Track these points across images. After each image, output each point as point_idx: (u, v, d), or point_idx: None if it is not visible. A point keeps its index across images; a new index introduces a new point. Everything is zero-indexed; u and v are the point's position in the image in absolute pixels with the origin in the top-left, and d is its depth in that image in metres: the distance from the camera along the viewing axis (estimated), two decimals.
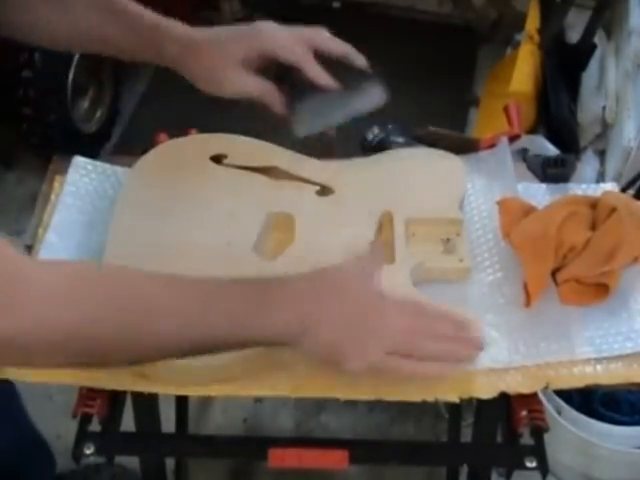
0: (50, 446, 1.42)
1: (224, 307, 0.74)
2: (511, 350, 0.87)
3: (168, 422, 1.13)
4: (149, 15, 0.94)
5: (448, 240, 0.94)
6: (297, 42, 0.93)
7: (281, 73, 0.93)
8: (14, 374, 0.85)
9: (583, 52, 1.99)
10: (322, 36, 0.94)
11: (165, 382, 0.85)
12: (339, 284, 0.80)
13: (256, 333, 0.75)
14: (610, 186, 1.06)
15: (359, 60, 0.95)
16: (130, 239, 0.92)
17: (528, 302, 0.89)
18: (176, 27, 0.93)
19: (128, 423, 0.95)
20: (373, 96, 0.95)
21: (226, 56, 0.91)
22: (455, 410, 1.43)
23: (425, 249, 0.93)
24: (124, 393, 0.89)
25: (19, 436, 1.34)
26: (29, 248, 0.98)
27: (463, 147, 1.08)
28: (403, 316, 0.79)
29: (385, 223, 0.95)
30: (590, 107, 1.89)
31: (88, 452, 0.84)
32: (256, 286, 0.77)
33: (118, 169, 1.05)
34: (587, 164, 1.77)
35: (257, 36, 0.93)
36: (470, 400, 0.85)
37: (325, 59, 0.93)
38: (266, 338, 0.76)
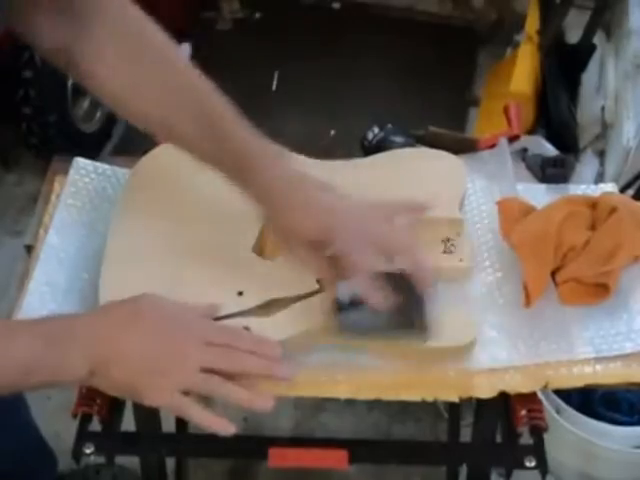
0: (52, 448, 1.43)
1: (10, 355, 0.74)
2: (511, 350, 0.87)
3: (168, 422, 1.13)
4: (241, 133, 0.83)
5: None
6: (373, 247, 0.81)
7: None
8: None
9: (583, 53, 1.99)
10: (414, 257, 0.82)
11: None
12: (137, 319, 0.78)
13: (44, 378, 0.75)
14: (609, 187, 1.06)
15: (428, 284, 0.83)
16: (130, 240, 0.92)
17: (528, 302, 0.89)
18: (260, 154, 0.83)
19: (128, 423, 0.95)
20: (412, 337, 0.84)
21: (301, 233, 0.83)
22: (455, 410, 1.43)
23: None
24: None
25: (23, 440, 1.34)
26: (29, 248, 0.98)
27: (463, 147, 1.08)
28: (204, 352, 0.78)
29: None
30: (589, 107, 1.89)
31: (88, 452, 0.84)
32: (44, 327, 0.76)
33: (118, 170, 1.05)
34: (586, 164, 1.77)
35: (337, 227, 0.81)
36: (470, 400, 0.85)
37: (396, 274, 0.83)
38: (55, 381, 0.76)
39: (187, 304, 0.82)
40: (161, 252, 0.91)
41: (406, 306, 0.83)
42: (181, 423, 1.39)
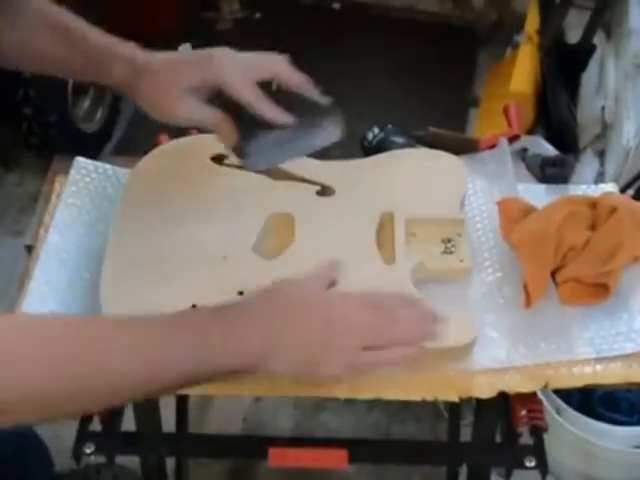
0: (49, 448, 1.42)
1: (179, 342, 0.73)
2: (511, 350, 0.87)
3: (168, 422, 1.13)
4: (98, 36, 0.92)
5: (449, 240, 0.94)
6: (250, 76, 0.89)
7: (234, 105, 0.89)
8: None
9: (583, 53, 1.99)
10: (279, 67, 0.91)
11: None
12: (293, 299, 0.80)
13: (217, 364, 0.74)
14: (610, 187, 1.06)
15: (315, 93, 0.91)
16: (131, 240, 0.92)
17: (528, 302, 0.89)
18: (126, 49, 0.91)
19: (128, 423, 0.95)
20: (329, 132, 0.90)
21: (177, 83, 0.88)
22: (455, 410, 1.43)
23: (425, 249, 0.93)
24: None
25: (18, 440, 1.34)
26: (29, 248, 0.98)
27: (463, 147, 1.08)
28: (362, 311, 0.80)
29: (385, 223, 0.95)
30: (589, 107, 1.89)
31: (88, 452, 0.84)
32: (211, 315, 0.76)
33: (119, 169, 1.05)
34: (586, 164, 1.77)
35: (209, 66, 0.89)
36: (470, 400, 0.86)
37: (281, 89, 0.90)
38: (228, 367, 0.75)
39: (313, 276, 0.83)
40: (161, 251, 0.91)
41: (302, 112, 0.87)
42: (181, 423, 1.39)
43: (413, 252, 0.92)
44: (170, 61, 0.91)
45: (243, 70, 0.90)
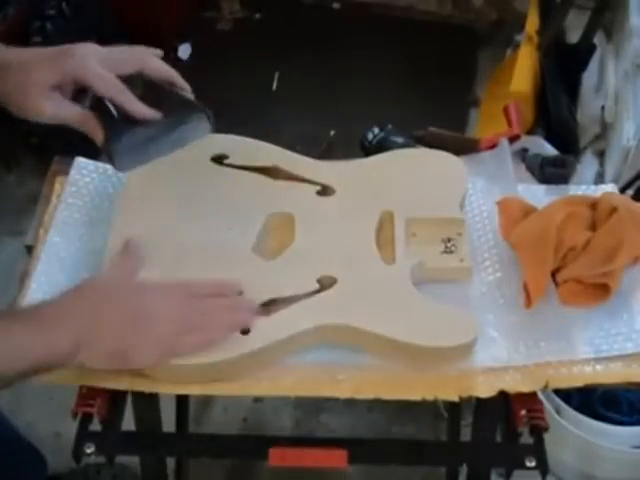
0: (45, 447, 1.42)
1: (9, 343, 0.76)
2: (511, 350, 0.87)
3: (168, 422, 1.13)
4: None
5: (449, 240, 0.94)
6: (113, 70, 0.86)
7: (98, 100, 0.87)
8: None
9: (583, 53, 1.99)
10: (146, 60, 0.89)
11: (165, 382, 0.85)
12: (100, 294, 0.82)
13: (31, 359, 0.76)
14: (610, 187, 1.06)
15: (184, 87, 0.90)
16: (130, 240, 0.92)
17: (528, 302, 0.89)
18: None
19: (128, 423, 0.95)
20: (198, 127, 0.89)
21: (37, 80, 0.85)
22: (455, 410, 1.43)
23: (425, 249, 0.93)
24: (124, 393, 0.89)
25: (2, 442, 1.33)
26: (29, 248, 0.98)
27: (463, 148, 1.08)
28: (172, 301, 0.82)
29: (385, 223, 0.95)
30: (589, 107, 1.89)
31: (88, 452, 0.84)
32: (29, 312, 0.80)
33: None
34: (586, 165, 1.77)
35: (70, 61, 0.86)
36: (470, 399, 0.86)
37: (149, 83, 0.88)
38: (42, 362, 0.77)
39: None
40: (161, 251, 0.91)
41: (169, 106, 0.86)
42: (181, 423, 1.39)
43: (413, 252, 0.92)
44: (28, 57, 0.87)
45: (106, 64, 0.86)
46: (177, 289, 0.85)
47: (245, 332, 0.84)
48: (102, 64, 0.86)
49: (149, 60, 0.89)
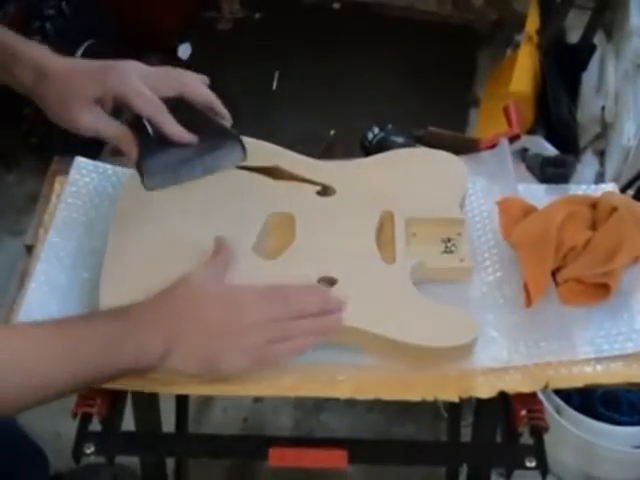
0: (45, 447, 1.42)
1: (89, 346, 0.76)
2: (511, 350, 0.87)
3: (168, 422, 1.13)
4: (2, 33, 0.90)
5: (449, 240, 0.94)
6: (154, 90, 0.87)
7: (136, 118, 0.88)
8: None
9: (583, 53, 1.99)
10: (187, 83, 0.90)
11: (165, 382, 0.85)
12: (191, 296, 0.81)
13: (118, 363, 0.77)
14: (610, 187, 1.06)
15: (223, 114, 0.92)
16: (130, 240, 0.92)
17: (528, 302, 0.89)
18: (31, 50, 0.89)
19: (128, 423, 0.95)
20: (230, 155, 0.91)
21: (79, 94, 0.87)
22: (455, 410, 1.43)
23: (426, 249, 0.93)
24: (124, 393, 0.89)
25: (6, 440, 1.33)
26: (29, 248, 0.98)
27: (463, 148, 1.08)
28: (263, 305, 0.82)
29: (385, 223, 0.95)
30: (590, 107, 1.89)
31: (88, 452, 0.84)
32: (113, 316, 0.79)
33: (119, 169, 1.05)
34: (586, 164, 1.77)
35: (112, 77, 0.87)
36: (470, 400, 0.85)
37: (188, 106, 0.89)
38: (129, 366, 0.77)
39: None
40: (161, 251, 0.91)
41: (205, 132, 0.87)
42: (181, 423, 1.39)
43: (413, 252, 0.92)
44: (73, 68, 0.89)
45: (147, 83, 0.88)
46: (270, 294, 0.83)
47: None
48: (144, 83, 0.87)
49: (192, 84, 0.90)
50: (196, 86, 0.90)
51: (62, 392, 0.77)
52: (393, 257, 0.91)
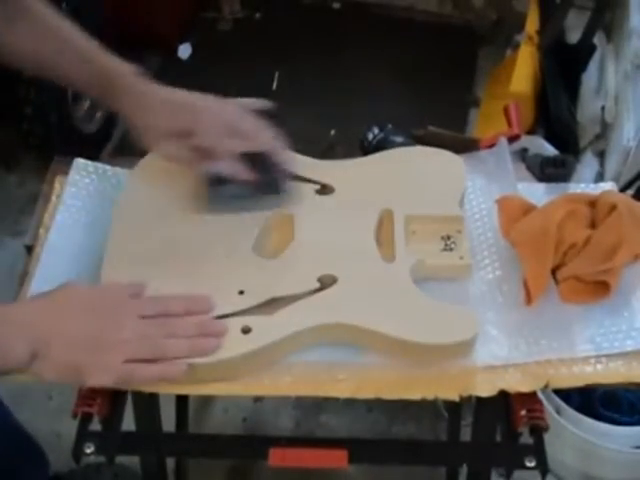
0: (45, 447, 1.42)
1: None
2: (511, 348, 0.87)
3: (168, 422, 1.13)
4: (102, 57, 0.94)
5: (448, 237, 0.94)
6: (229, 134, 0.92)
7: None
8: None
9: (583, 53, 1.99)
10: (257, 137, 0.93)
11: (165, 381, 0.85)
12: (65, 303, 0.81)
13: None
14: (609, 185, 1.06)
15: (287, 163, 0.95)
16: (130, 240, 0.92)
17: (528, 300, 0.89)
18: (127, 78, 0.93)
19: (128, 423, 0.95)
20: (274, 201, 0.96)
21: (157, 126, 0.92)
22: (455, 409, 1.43)
23: (425, 247, 0.93)
24: (124, 392, 0.89)
25: (7, 440, 1.33)
26: (29, 248, 0.98)
27: (463, 148, 1.08)
28: (139, 323, 0.81)
29: (385, 221, 0.95)
30: (589, 108, 1.89)
31: (88, 451, 0.84)
32: None
33: (119, 170, 1.05)
34: (586, 164, 1.77)
35: (195, 119, 0.92)
36: (470, 399, 0.85)
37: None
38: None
39: (112, 284, 0.86)
40: (161, 252, 0.91)
41: (262, 178, 0.93)
42: (181, 423, 1.39)
43: (413, 250, 0.92)
44: (151, 100, 0.93)
45: (225, 129, 0.92)
46: (154, 306, 0.83)
47: (246, 331, 0.84)
48: (218, 129, 0.92)
49: (258, 129, 0.93)
50: (261, 134, 0.93)
51: None
52: (393, 255, 0.91)
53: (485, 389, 0.85)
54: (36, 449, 1.41)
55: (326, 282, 0.88)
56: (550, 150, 1.41)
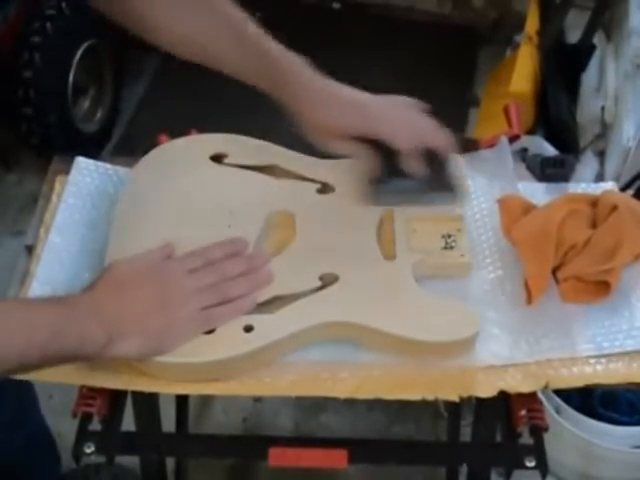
0: (57, 446, 1.43)
1: (39, 331, 0.75)
2: (512, 347, 0.87)
3: (168, 422, 1.13)
4: (277, 52, 0.96)
5: (449, 236, 0.94)
6: (411, 133, 0.92)
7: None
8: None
9: (582, 53, 1.99)
10: (435, 135, 0.94)
11: (165, 381, 0.85)
12: (116, 280, 0.82)
13: (68, 349, 0.76)
14: (609, 185, 1.07)
15: (455, 164, 0.96)
16: (131, 239, 0.92)
17: (529, 300, 0.89)
18: (299, 70, 0.95)
19: (128, 423, 0.95)
20: (444, 199, 0.96)
21: (336, 128, 0.92)
22: (454, 409, 1.43)
23: (426, 245, 0.93)
24: (124, 392, 0.89)
25: (31, 437, 1.34)
26: (29, 248, 0.98)
27: (463, 147, 1.08)
28: (189, 275, 0.84)
29: (386, 220, 0.95)
30: (589, 107, 1.89)
31: (88, 451, 0.84)
32: (58, 303, 0.78)
33: (119, 169, 1.05)
34: (586, 165, 1.77)
35: (374, 121, 0.92)
36: (469, 399, 0.85)
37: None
38: (79, 352, 0.77)
39: (142, 253, 0.87)
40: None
41: (436, 175, 0.94)
42: (181, 423, 1.39)
43: (413, 248, 0.92)
44: (337, 100, 0.94)
45: (407, 128, 0.93)
46: (196, 259, 0.86)
47: (249, 330, 0.84)
48: (402, 127, 0.92)
49: (438, 135, 0.94)
50: (440, 139, 0.94)
51: (8, 370, 0.76)
52: (394, 253, 0.91)
53: (485, 390, 0.85)
54: (54, 448, 1.42)
55: (328, 280, 0.88)
56: (550, 150, 1.41)
